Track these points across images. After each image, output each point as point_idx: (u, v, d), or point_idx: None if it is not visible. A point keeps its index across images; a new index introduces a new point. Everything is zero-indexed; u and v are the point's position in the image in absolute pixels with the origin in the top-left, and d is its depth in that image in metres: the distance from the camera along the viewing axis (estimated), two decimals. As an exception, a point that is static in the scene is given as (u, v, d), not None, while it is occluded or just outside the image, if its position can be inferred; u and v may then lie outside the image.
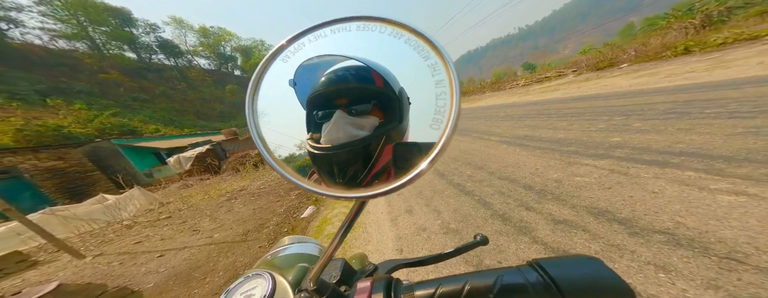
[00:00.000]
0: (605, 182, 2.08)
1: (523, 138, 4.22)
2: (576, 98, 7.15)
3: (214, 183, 10.05)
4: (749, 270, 1.00)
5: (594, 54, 16.97)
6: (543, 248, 1.50)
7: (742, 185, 1.58)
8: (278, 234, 3.54)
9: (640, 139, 2.82)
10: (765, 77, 4.09)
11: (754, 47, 7.12)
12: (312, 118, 0.29)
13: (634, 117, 3.69)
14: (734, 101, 3.23)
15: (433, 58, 0.25)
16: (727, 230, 1.26)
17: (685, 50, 9.55)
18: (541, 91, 11.96)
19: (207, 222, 4.83)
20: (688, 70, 6.62)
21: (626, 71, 9.87)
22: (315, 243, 0.62)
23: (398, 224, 2.51)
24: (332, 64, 0.28)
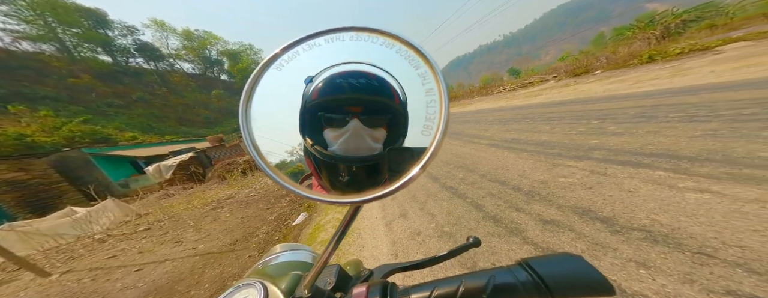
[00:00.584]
0: (587, 182, 2.20)
1: (511, 141, 4.40)
2: (557, 103, 7.59)
3: (198, 192, 9.56)
4: (719, 264, 1.09)
5: (571, 61, 18.14)
6: (533, 248, 1.56)
7: (706, 183, 1.73)
8: (269, 242, 3.42)
9: (615, 141, 3.02)
10: (717, 84, 4.55)
11: (706, 57, 7.93)
12: (313, 120, 0.29)
13: (609, 121, 3.97)
14: (693, 106, 3.56)
15: (423, 67, 0.26)
16: (696, 226, 1.37)
17: (649, 59, 10.45)
18: (526, 95, 12.56)
19: (191, 233, 4.58)
20: (652, 77, 7.24)
21: (600, 78, 10.61)
22: (308, 250, 0.61)
23: (393, 228, 2.50)
24: (350, 67, 0.28)
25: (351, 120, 0.28)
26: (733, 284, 0.98)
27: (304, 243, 3.29)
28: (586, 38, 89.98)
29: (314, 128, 0.29)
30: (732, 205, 1.45)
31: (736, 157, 1.95)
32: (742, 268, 1.04)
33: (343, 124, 0.28)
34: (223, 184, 10.41)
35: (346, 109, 0.28)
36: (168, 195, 10.18)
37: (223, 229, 4.39)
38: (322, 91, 0.28)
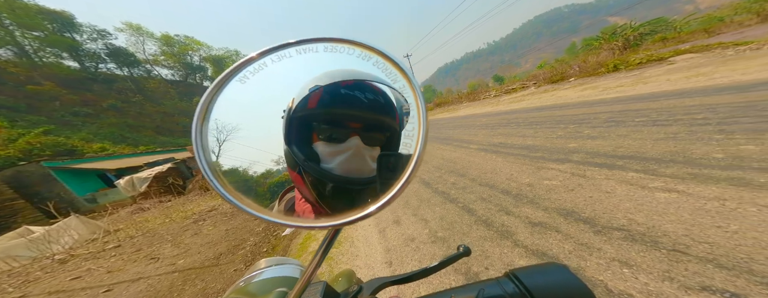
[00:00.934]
0: (569, 184, 2.32)
1: (498, 146, 4.57)
2: (538, 108, 8.03)
3: (177, 205, 8.94)
4: (692, 260, 1.18)
5: (548, 69, 19.49)
6: (524, 251, 1.60)
7: (672, 183, 1.88)
8: (257, 255, 3.26)
9: (591, 144, 3.23)
10: (673, 92, 5.06)
11: (662, 67, 8.84)
12: (303, 130, 0.26)
13: (585, 125, 4.25)
14: (655, 112, 3.91)
15: (400, 81, 0.25)
16: (668, 224, 1.48)
17: (615, 68, 11.45)
18: (510, 101, 13.25)
19: (169, 248, 4.25)
20: (618, 85, 7.91)
21: (574, 85, 11.43)
22: (296, 264, 0.57)
23: (386, 235, 2.47)
24: (354, 77, 0.26)
25: (352, 138, 0.26)
26: (706, 280, 1.06)
27: (294, 254, 3.13)
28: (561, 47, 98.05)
29: (303, 139, 0.27)
30: (696, 203, 1.58)
31: (695, 158, 2.15)
32: (712, 263, 1.13)
33: (341, 141, 0.26)
34: (206, 195, 9.84)
35: (346, 124, 0.26)
36: (142, 209, 9.46)
37: (205, 243, 4.14)
38: (322, 102, 0.26)
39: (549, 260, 1.45)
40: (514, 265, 1.50)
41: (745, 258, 1.11)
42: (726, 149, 2.16)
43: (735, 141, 2.24)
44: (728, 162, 1.94)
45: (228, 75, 0.26)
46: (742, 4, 20.64)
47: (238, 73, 0.26)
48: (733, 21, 19.00)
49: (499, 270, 1.49)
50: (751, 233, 1.24)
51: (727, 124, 2.68)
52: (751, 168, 1.77)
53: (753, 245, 1.16)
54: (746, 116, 2.74)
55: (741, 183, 1.65)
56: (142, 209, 9.47)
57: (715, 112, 3.14)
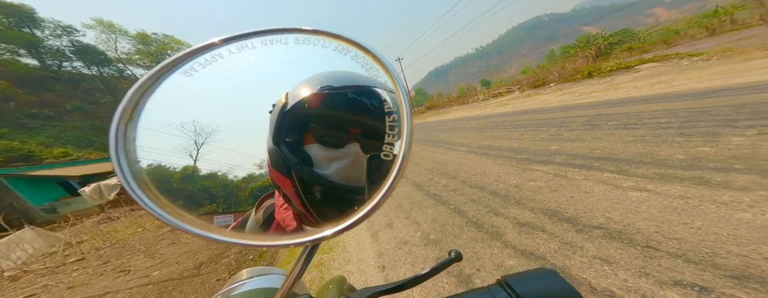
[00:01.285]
0: (552, 185, 2.44)
1: (487, 148, 4.73)
2: (522, 112, 8.42)
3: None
4: (664, 256, 1.27)
5: (531, 74, 20.65)
6: (513, 252, 1.65)
7: (642, 182, 2.03)
8: (243, 263, 3.11)
9: (570, 146, 3.42)
10: (639, 97, 5.51)
11: (630, 74, 9.62)
12: (297, 130, 0.24)
13: (564, 128, 4.51)
14: (625, 116, 4.23)
15: (383, 77, 0.23)
16: (641, 221, 1.59)
17: (589, 74, 12.32)
18: (497, 105, 13.84)
19: (142, 259, 3.95)
20: (592, 91, 8.50)
21: (554, 90, 12.15)
22: (281, 274, 0.54)
23: (379, 239, 2.45)
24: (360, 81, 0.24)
25: (351, 144, 0.24)
26: (678, 274, 1.14)
27: (283, 262, 3.02)
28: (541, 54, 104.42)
29: (295, 139, 0.25)
30: (664, 201, 1.72)
31: (661, 159, 2.34)
32: (681, 258, 1.22)
33: (340, 146, 0.24)
34: None
35: (346, 128, 0.25)
36: (111, 219, 8.75)
37: (184, 252, 3.89)
38: (326, 102, 0.24)
39: (537, 260, 1.51)
40: (504, 266, 1.54)
41: (710, 253, 1.21)
42: (687, 150, 2.37)
43: (694, 143, 2.47)
44: (689, 163, 2.13)
45: (168, 66, 0.22)
46: (694, 19, 23.14)
47: (184, 65, 0.22)
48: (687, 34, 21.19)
49: (489, 272, 1.52)
50: (712, 229, 1.36)
51: (686, 127, 2.95)
52: (709, 168, 1.96)
53: (715, 240, 1.28)
54: (702, 120, 3.04)
55: (701, 182, 1.81)
56: (111, 219, 8.76)
57: (676, 117, 3.45)
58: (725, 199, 1.57)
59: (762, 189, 1.55)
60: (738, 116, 2.85)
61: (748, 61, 6.34)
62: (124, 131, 0.20)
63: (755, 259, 1.11)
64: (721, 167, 1.93)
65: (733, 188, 1.65)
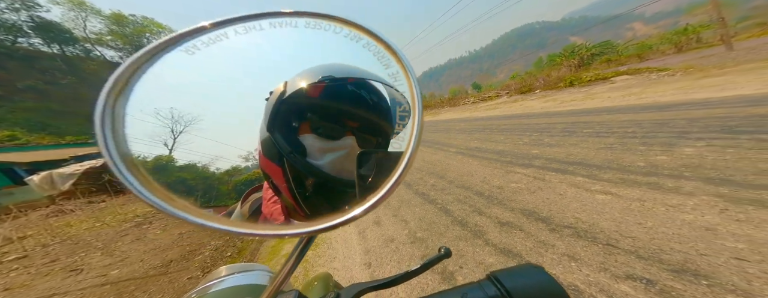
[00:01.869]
0: (531, 187, 2.62)
1: (474, 150, 4.93)
2: (508, 116, 8.83)
3: (114, 206, 7.74)
4: (621, 253, 1.44)
5: (519, 80, 21.54)
6: (494, 249, 1.78)
7: (608, 186, 2.26)
8: (219, 260, 2.98)
9: (549, 151, 3.67)
10: (611, 108, 5.98)
11: (606, 85, 10.33)
12: (292, 119, 0.24)
13: (545, 134, 4.80)
14: (597, 124, 4.58)
15: (394, 66, 0.23)
16: (604, 221, 1.78)
17: (570, 83, 13.05)
18: (486, 108, 14.36)
19: (98, 257, 3.64)
20: (572, 99, 9.05)
21: (539, 96, 12.77)
22: (264, 271, 0.51)
23: (366, 236, 2.51)
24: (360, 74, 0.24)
25: (347, 137, 0.24)
26: (630, 269, 1.31)
27: (264, 259, 2.98)
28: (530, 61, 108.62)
29: (290, 128, 0.24)
30: (624, 203, 1.93)
31: (625, 165, 2.60)
32: (634, 255, 1.40)
33: (335, 138, 0.24)
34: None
35: (344, 121, 0.25)
36: (63, 212, 7.90)
37: (150, 249, 3.64)
38: (326, 93, 0.24)
39: (514, 257, 1.64)
40: (485, 263, 1.66)
41: (657, 250, 1.40)
42: (646, 158, 2.65)
43: (653, 152, 2.76)
44: (648, 169, 2.39)
45: (170, 42, 0.20)
46: (666, 36, 25.13)
47: (186, 42, 0.21)
48: (659, 49, 23.02)
49: (471, 269, 1.64)
50: (661, 229, 1.56)
51: (648, 137, 3.27)
52: (663, 175, 2.21)
53: (662, 238, 1.47)
54: (662, 131, 3.38)
55: (656, 187, 2.05)
56: (63, 212, 7.92)
57: (640, 127, 3.80)
58: (674, 202, 1.79)
59: (703, 194, 1.80)
60: (691, 129, 3.21)
61: (705, 78, 7.05)
62: (112, 107, 0.18)
63: (692, 255, 1.30)
64: (673, 174, 2.19)
65: (681, 192, 1.89)
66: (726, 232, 1.40)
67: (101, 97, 0.18)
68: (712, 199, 1.72)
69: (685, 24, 22.87)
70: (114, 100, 0.18)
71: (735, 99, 4.23)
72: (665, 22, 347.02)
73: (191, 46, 0.21)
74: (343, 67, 0.25)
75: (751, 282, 1.09)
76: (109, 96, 0.18)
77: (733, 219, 1.49)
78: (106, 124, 0.18)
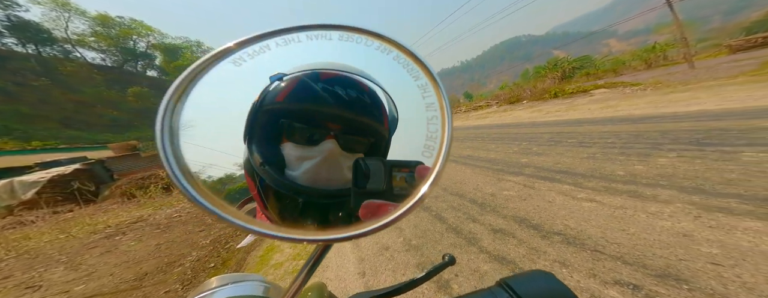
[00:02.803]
0: (522, 195, 2.70)
1: (467, 158, 5.04)
2: (499, 125, 9.20)
3: (83, 216, 7.17)
4: (608, 258, 1.51)
5: (508, 91, 22.54)
6: (488, 257, 1.80)
7: (593, 194, 2.37)
8: (201, 272, 2.81)
9: (538, 160, 3.82)
10: (592, 119, 6.36)
11: (587, 97, 11.00)
12: (269, 128, 0.23)
13: (533, 143, 5.01)
14: (581, 135, 4.84)
15: (423, 79, 0.23)
16: (591, 228, 1.85)
17: (554, 95, 13.79)
18: (477, 117, 14.87)
19: (60, 272, 3.35)
20: (556, 110, 9.54)
21: (526, 107, 13.37)
22: (258, 281, 0.48)
23: (360, 245, 2.46)
24: (336, 70, 0.23)
25: (326, 140, 0.23)
26: (617, 275, 1.37)
27: (251, 270, 2.84)
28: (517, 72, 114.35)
29: (267, 139, 0.23)
30: (608, 211, 2.03)
31: (607, 174, 2.75)
32: (620, 261, 1.47)
33: (314, 143, 0.23)
34: (131, 204, 8.15)
35: (322, 124, 0.23)
36: (22, 223, 7.19)
37: (121, 262, 3.40)
38: (293, 95, 0.22)
39: (508, 265, 1.67)
40: (479, 271, 1.68)
41: (640, 255, 1.47)
42: (626, 167, 2.81)
43: (631, 162, 2.94)
44: (627, 178, 2.53)
45: (220, 54, 0.22)
46: (637, 52, 27.38)
47: (234, 53, 0.22)
48: (631, 65, 24.93)
49: (467, 277, 1.64)
50: (643, 235, 1.65)
51: (626, 148, 3.49)
52: (642, 183, 2.36)
53: (644, 244, 1.56)
54: (638, 143, 3.62)
55: (635, 195, 2.18)
56: (22, 223, 7.21)
57: (619, 138, 4.06)
58: (653, 210, 1.91)
59: (679, 202, 1.93)
60: (663, 140, 3.46)
61: (672, 93, 7.69)
62: (171, 113, 0.19)
63: (672, 260, 1.38)
64: (650, 182, 2.34)
65: (659, 200, 2.01)
66: (701, 238, 1.50)
67: (166, 102, 0.19)
68: (687, 206, 1.85)
69: (653, 42, 25.04)
70: (174, 104, 0.20)
71: (699, 113, 4.63)
72: (637, 40, 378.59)
73: (238, 57, 0.22)
74: (327, 64, 0.24)
75: (727, 286, 1.17)
76: (169, 101, 0.19)
77: (706, 226, 1.60)
78: (164, 124, 0.18)
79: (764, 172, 2.07)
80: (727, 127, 3.46)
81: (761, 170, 2.11)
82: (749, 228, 1.48)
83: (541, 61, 54.33)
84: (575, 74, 21.17)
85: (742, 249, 1.35)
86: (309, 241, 0.19)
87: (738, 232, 1.48)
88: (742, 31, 61.36)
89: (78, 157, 12.75)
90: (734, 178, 2.08)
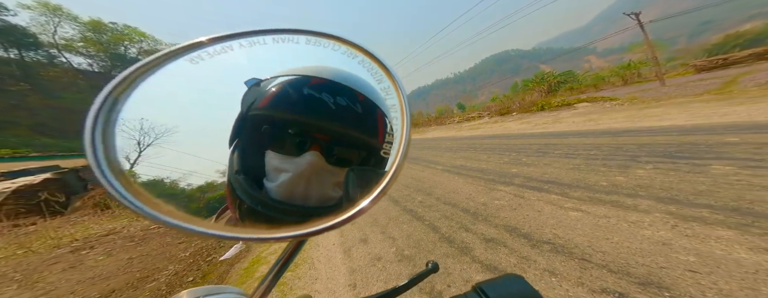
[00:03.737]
0: (512, 204, 2.76)
1: (460, 168, 5.13)
2: (490, 136, 9.41)
3: (47, 229, 6.60)
4: (594, 267, 1.55)
5: (498, 102, 23.51)
6: (480, 266, 1.81)
7: (579, 204, 2.46)
8: (177, 286, 2.63)
9: (527, 170, 3.94)
10: (576, 131, 6.68)
11: (570, 111, 11.59)
12: (251, 136, 0.21)
13: (522, 154, 5.18)
14: (566, 146, 5.06)
15: (386, 81, 0.24)
16: (578, 237, 1.91)
17: (541, 108, 14.44)
18: (469, 128, 15.22)
19: (14, 290, 3.04)
20: (543, 122, 9.96)
21: (516, 118, 13.88)
22: (235, 293, 0.49)
23: (352, 255, 2.41)
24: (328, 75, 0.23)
25: (308, 152, 0.21)
26: (604, 283, 1.41)
27: (232, 283, 2.72)
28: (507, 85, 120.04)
29: (250, 146, 0.21)
30: (593, 220, 2.10)
31: (591, 184, 2.87)
32: (606, 269, 1.51)
33: (296, 153, 0.21)
34: (104, 215, 7.62)
35: (307, 133, 0.21)
36: None
37: (86, 278, 3.12)
38: (276, 101, 0.21)
39: (500, 274, 1.68)
40: (473, 281, 1.68)
41: (624, 263, 1.53)
42: (608, 178, 2.95)
43: (613, 173, 3.09)
44: (610, 189, 2.65)
45: (177, 51, 0.21)
46: (614, 69, 29.41)
47: (192, 52, 0.21)
48: (609, 81, 26.65)
49: (459, 288, 1.64)
50: (625, 243, 1.72)
51: (607, 159, 3.67)
52: (623, 194, 2.47)
53: (628, 253, 1.62)
54: (618, 155, 3.83)
55: (617, 205, 2.28)
56: None
57: (600, 150, 4.27)
58: (633, 219, 2.00)
59: (657, 212, 2.03)
60: (640, 153, 3.68)
61: (647, 108, 8.24)
62: (107, 110, 0.18)
63: (654, 268, 1.44)
64: (631, 193, 2.45)
65: (639, 210, 2.11)
66: (679, 246, 1.58)
67: (99, 101, 0.17)
68: (664, 216, 1.95)
69: (628, 60, 27.04)
70: (112, 101, 0.18)
71: (671, 128, 4.98)
72: (613, 57, 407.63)
73: (196, 56, 0.21)
74: (319, 69, 0.23)
75: (705, 293, 1.23)
76: (104, 99, 0.18)
77: (683, 234, 1.69)
78: (97, 126, 0.17)
79: (730, 184, 2.23)
80: (696, 141, 3.74)
81: (728, 182, 2.28)
82: (721, 237, 1.58)
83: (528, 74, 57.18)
84: (560, 88, 22.42)
85: (716, 257, 1.43)
86: (276, 239, 0.17)
87: (712, 240, 1.57)
88: (704, 52, 67.70)
89: (50, 165, 11.95)
90: (705, 189, 2.23)
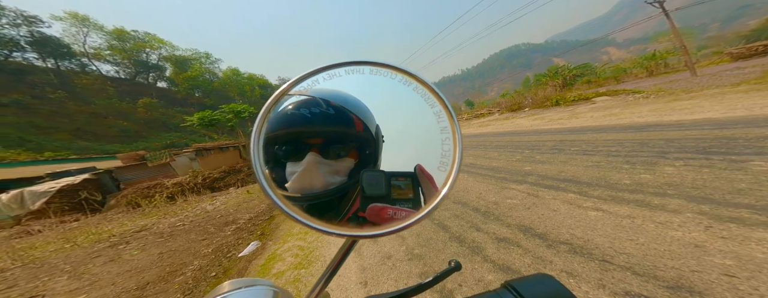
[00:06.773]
0: (526, 203, 2.66)
1: (470, 166, 5.01)
2: (501, 133, 9.14)
3: (88, 225, 7.20)
4: (616, 269, 1.46)
5: (509, 98, 22.65)
6: (492, 266, 1.76)
7: (599, 203, 2.33)
8: (202, 281, 2.81)
9: (541, 168, 3.78)
10: (595, 127, 6.31)
11: (588, 105, 10.98)
12: (269, 152, 0.27)
13: (536, 151, 4.97)
14: (584, 143, 4.80)
15: (437, 106, 0.29)
16: (599, 238, 1.81)
17: (556, 103, 13.77)
18: (479, 125, 14.86)
19: (64, 281, 3.38)
20: (558, 118, 9.51)
21: (528, 114, 13.36)
22: (267, 285, 0.49)
23: (362, 253, 2.43)
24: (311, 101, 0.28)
25: (309, 154, 0.27)
26: (627, 285, 1.32)
27: (252, 277, 2.85)
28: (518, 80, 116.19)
29: (276, 162, 0.27)
30: (615, 220, 1.98)
31: (612, 183, 2.70)
32: (630, 271, 1.42)
33: (300, 158, 0.27)
34: (136, 213, 8.20)
35: (303, 141, 0.27)
36: (28, 233, 7.32)
37: (124, 271, 3.42)
38: (275, 124, 0.27)
39: (513, 275, 1.63)
40: (484, 280, 1.64)
41: (651, 266, 1.43)
42: (631, 176, 2.77)
43: (637, 171, 2.90)
44: (634, 187, 2.49)
45: (287, 88, 0.28)
46: (637, 60, 27.49)
47: (296, 87, 0.28)
48: (632, 73, 24.99)
49: (471, 287, 1.60)
50: (652, 245, 1.60)
51: (631, 156, 3.44)
52: (649, 192, 2.31)
53: (655, 255, 1.51)
54: (643, 151, 3.58)
55: (643, 204, 2.13)
56: (29, 233, 7.33)
57: (622, 146, 4.01)
58: (662, 219, 1.86)
59: (688, 212, 1.88)
60: (669, 149, 3.42)
61: (675, 101, 7.64)
62: (259, 138, 0.26)
63: (685, 271, 1.34)
64: (658, 192, 2.29)
65: (667, 210, 1.97)
66: (713, 249, 1.46)
67: (254, 131, 0.26)
68: (697, 216, 1.80)
69: (653, 50, 25.18)
70: (259, 133, 0.26)
71: (704, 122, 4.58)
72: (635, 48, 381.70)
73: (298, 90, 0.28)
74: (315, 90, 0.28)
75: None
76: (256, 130, 0.26)
77: (718, 236, 1.55)
78: (255, 149, 0.25)
79: (775, 181, 2.03)
80: (733, 135, 3.42)
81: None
82: (764, 239, 1.44)
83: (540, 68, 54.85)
84: (576, 82, 21.20)
85: (758, 261, 1.30)
86: (342, 235, 0.24)
87: (752, 243, 1.43)
88: (741, 39, 61.55)
89: (88, 167, 12.97)
90: (744, 188, 2.03)
